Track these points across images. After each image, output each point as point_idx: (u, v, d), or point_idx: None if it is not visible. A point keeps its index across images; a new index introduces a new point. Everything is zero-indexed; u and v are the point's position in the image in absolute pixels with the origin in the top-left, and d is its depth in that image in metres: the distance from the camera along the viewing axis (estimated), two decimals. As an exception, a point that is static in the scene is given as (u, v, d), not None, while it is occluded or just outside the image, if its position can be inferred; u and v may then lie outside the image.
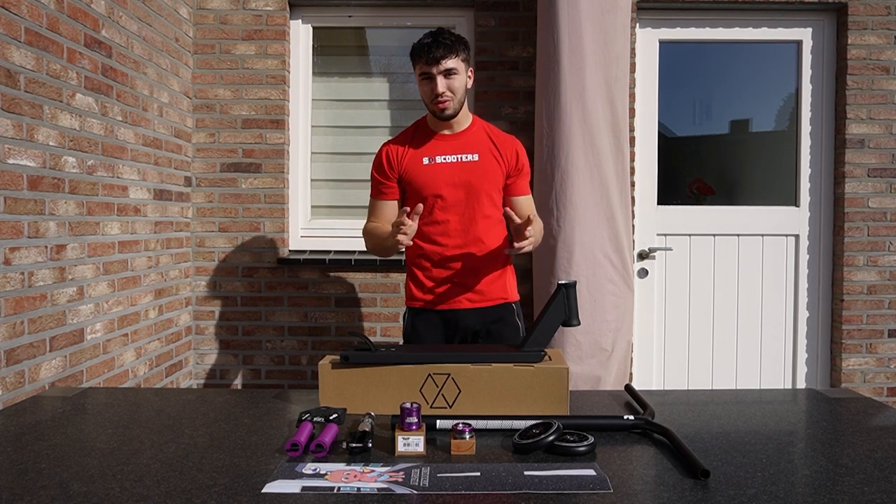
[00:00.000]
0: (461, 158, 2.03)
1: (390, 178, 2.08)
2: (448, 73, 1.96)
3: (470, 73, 2.06)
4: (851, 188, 3.11)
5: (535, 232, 1.94)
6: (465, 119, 2.08)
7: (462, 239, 2.04)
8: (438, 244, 2.04)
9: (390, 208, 2.09)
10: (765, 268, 3.23)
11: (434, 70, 1.95)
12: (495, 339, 2.10)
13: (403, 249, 1.87)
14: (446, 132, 2.07)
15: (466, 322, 2.07)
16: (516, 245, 1.86)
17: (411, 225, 1.81)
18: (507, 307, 2.12)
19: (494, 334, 2.10)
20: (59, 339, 2.06)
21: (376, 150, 3.31)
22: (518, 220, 1.85)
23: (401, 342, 3.05)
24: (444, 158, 2.03)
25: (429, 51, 1.94)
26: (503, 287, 2.11)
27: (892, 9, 3.07)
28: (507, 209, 1.87)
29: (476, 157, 2.04)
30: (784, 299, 3.23)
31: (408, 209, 1.80)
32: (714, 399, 1.55)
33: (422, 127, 2.11)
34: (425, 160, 2.03)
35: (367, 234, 2.09)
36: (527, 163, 2.14)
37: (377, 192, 2.11)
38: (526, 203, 2.14)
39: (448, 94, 1.96)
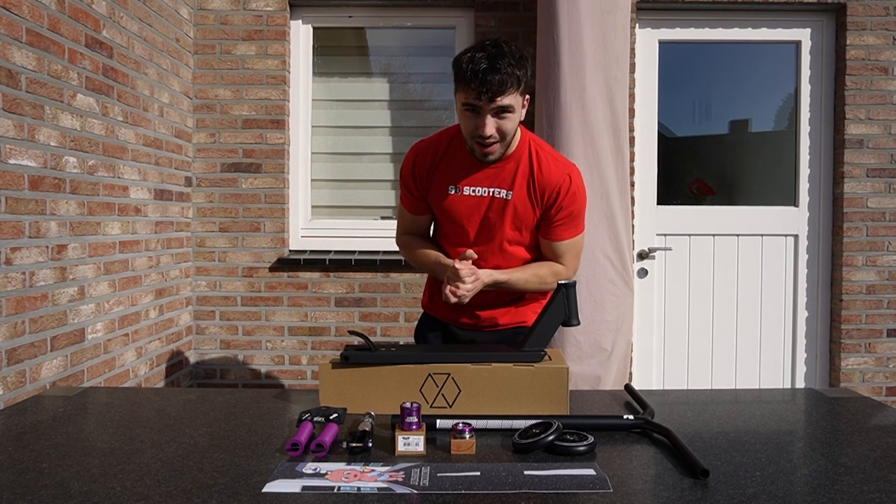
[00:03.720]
0: (492, 193, 1.67)
1: (416, 196, 1.77)
2: (501, 112, 1.53)
3: (525, 102, 1.62)
4: (850, 188, 3.11)
5: (513, 282, 1.70)
6: (512, 142, 1.65)
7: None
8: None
9: (423, 222, 1.84)
10: (764, 268, 3.23)
11: (485, 106, 1.52)
12: None
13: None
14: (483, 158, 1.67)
15: (475, 338, 1.88)
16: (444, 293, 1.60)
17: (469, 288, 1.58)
18: (519, 330, 1.85)
19: None
20: (60, 338, 2.06)
21: (376, 150, 3.31)
22: (455, 264, 1.59)
23: (401, 341, 3.06)
24: (473, 191, 1.68)
25: (483, 80, 1.48)
26: (517, 313, 1.85)
27: (891, 9, 3.08)
28: (458, 261, 1.59)
29: (509, 195, 1.67)
30: (783, 299, 3.23)
31: (471, 254, 1.57)
32: (714, 399, 1.55)
33: (457, 143, 1.70)
34: (451, 189, 1.70)
35: (414, 253, 1.83)
36: (571, 204, 1.68)
37: (408, 204, 1.81)
38: (563, 248, 1.73)
39: (496, 135, 1.56)
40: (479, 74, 1.48)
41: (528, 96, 1.63)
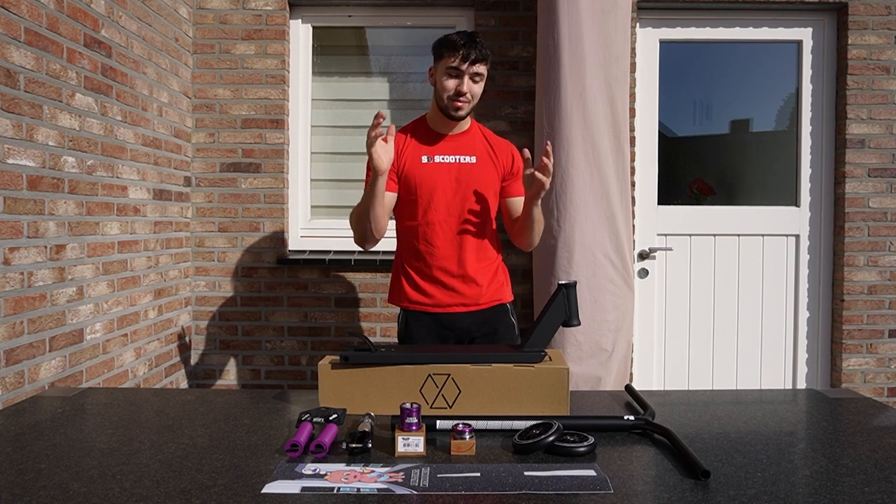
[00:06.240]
0: (459, 160, 2.03)
1: (389, 171, 2.01)
2: (475, 77, 1.96)
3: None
4: (852, 188, 3.10)
5: (537, 221, 2.00)
6: (466, 122, 2.08)
7: (456, 240, 2.02)
8: (433, 245, 2.02)
9: (388, 202, 2.01)
10: (765, 268, 3.23)
11: (465, 69, 1.93)
12: (491, 340, 2.09)
13: (383, 170, 1.83)
14: (447, 132, 2.06)
15: (461, 325, 2.06)
16: (537, 176, 1.85)
17: (388, 126, 1.83)
18: (501, 308, 2.12)
19: (490, 336, 2.09)
20: (59, 339, 2.06)
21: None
22: (531, 167, 1.87)
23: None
24: (443, 158, 2.03)
25: (467, 49, 1.91)
26: (497, 289, 2.10)
27: (893, 9, 3.07)
28: (525, 150, 1.89)
29: (474, 160, 2.04)
30: (784, 299, 3.23)
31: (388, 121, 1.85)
32: (714, 399, 1.55)
33: (422, 125, 2.09)
34: (424, 158, 2.02)
35: (352, 215, 2.01)
36: (522, 166, 2.08)
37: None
38: (521, 203, 2.11)
39: (469, 96, 1.96)
40: (463, 45, 1.92)
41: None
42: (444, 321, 2.05)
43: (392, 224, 2.12)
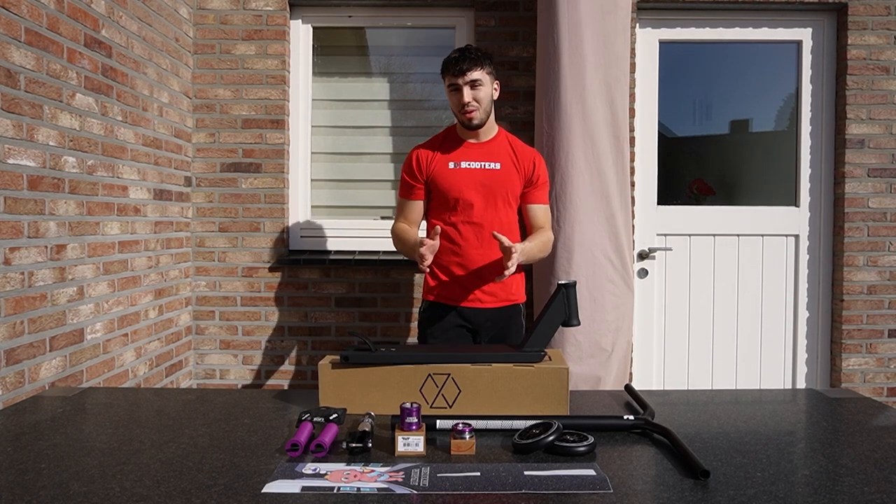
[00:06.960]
0: (484, 166, 2.18)
1: (419, 180, 2.21)
2: (473, 84, 2.10)
3: (496, 86, 2.20)
4: (851, 188, 3.11)
5: (529, 250, 2.09)
6: (492, 130, 2.23)
7: (480, 240, 2.17)
8: (458, 244, 2.17)
9: (417, 208, 2.25)
10: (765, 268, 3.23)
11: (460, 81, 2.10)
12: (503, 337, 2.22)
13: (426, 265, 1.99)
14: (473, 141, 2.22)
15: (479, 319, 2.20)
16: (505, 268, 1.95)
17: (432, 245, 1.94)
18: (515, 308, 2.26)
19: (504, 333, 2.23)
20: (59, 338, 2.06)
21: (376, 150, 3.32)
22: (507, 244, 1.93)
23: (401, 341, 3.05)
24: (469, 164, 2.18)
25: (456, 63, 2.09)
26: (515, 289, 2.25)
27: (892, 9, 3.07)
28: (495, 232, 1.95)
29: (498, 166, 2.18)
30: (784, 299, 3.23)
31: (438, 229, 1.96)
32: (714, 399, 1.55)
33: (451, 134, 2.25)
34: (451, 164, 2.18)
35: (396, 235, 2.22)
36: (544, 174, 2.28)
37: (406, 193, 2.25)
38: (541, 212, 2.28)
39: (474, 103, 2.11)
40: (454, 60, 2.11)
41: (497, 81, 2.21)
42: (464, 314, 2.20)
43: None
